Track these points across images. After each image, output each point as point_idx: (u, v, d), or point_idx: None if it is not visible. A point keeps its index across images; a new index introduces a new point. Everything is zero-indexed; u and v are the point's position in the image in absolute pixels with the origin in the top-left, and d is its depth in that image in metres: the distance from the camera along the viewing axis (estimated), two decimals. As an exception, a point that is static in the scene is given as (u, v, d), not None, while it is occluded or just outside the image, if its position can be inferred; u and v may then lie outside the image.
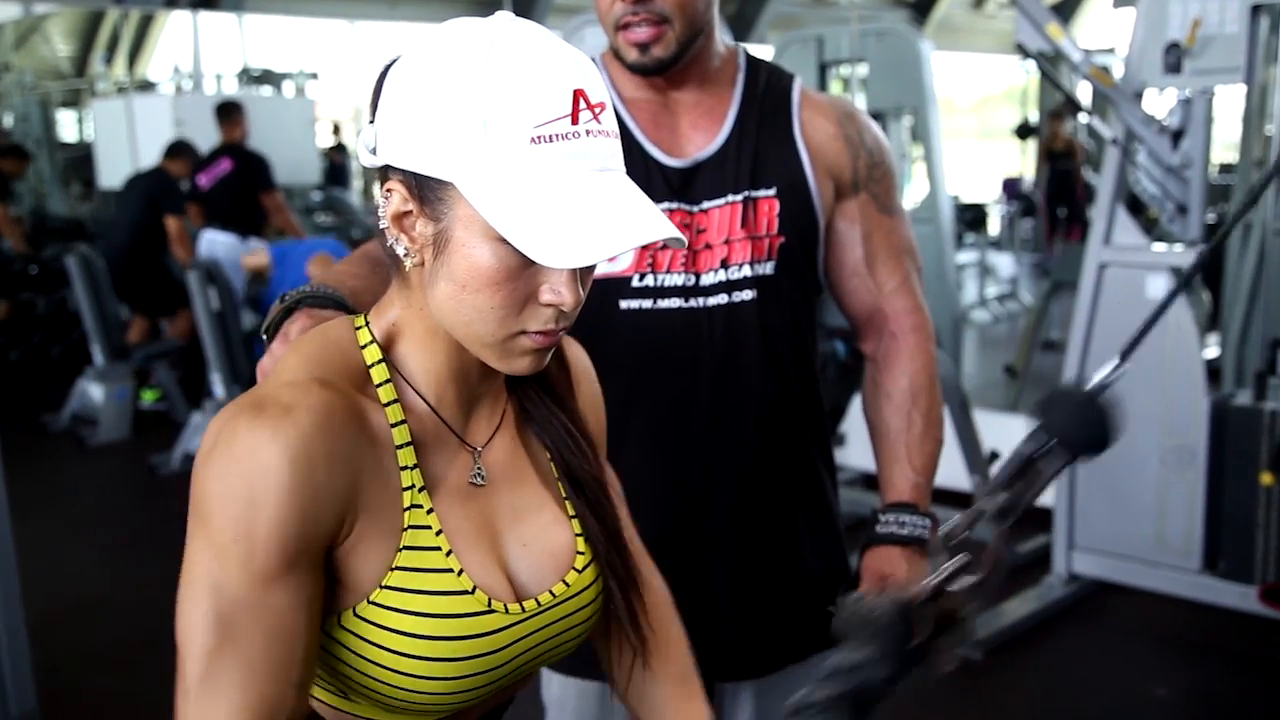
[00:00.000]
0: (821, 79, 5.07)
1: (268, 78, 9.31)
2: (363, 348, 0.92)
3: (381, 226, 0.89)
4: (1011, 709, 3.11)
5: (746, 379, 1.42)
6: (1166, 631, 3.47)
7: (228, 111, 6.33)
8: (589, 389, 1.10)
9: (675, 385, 1.42)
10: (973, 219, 10.18)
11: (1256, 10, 3.20)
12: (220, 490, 0.81)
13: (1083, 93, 7.06)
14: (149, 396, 6.16)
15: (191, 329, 6.25)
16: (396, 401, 0.91)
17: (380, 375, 0.91)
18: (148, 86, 10.06)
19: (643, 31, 1.35)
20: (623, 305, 1.40)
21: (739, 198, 1.41)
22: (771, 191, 1.42)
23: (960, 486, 3.91)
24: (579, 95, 0.82)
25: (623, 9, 1.35)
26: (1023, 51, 3.55)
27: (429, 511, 0.90)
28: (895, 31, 5.03)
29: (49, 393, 6.38)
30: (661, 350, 1.41)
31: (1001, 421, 4.50)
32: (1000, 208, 10.95)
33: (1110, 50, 7.17)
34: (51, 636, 3.17)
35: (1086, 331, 3.52)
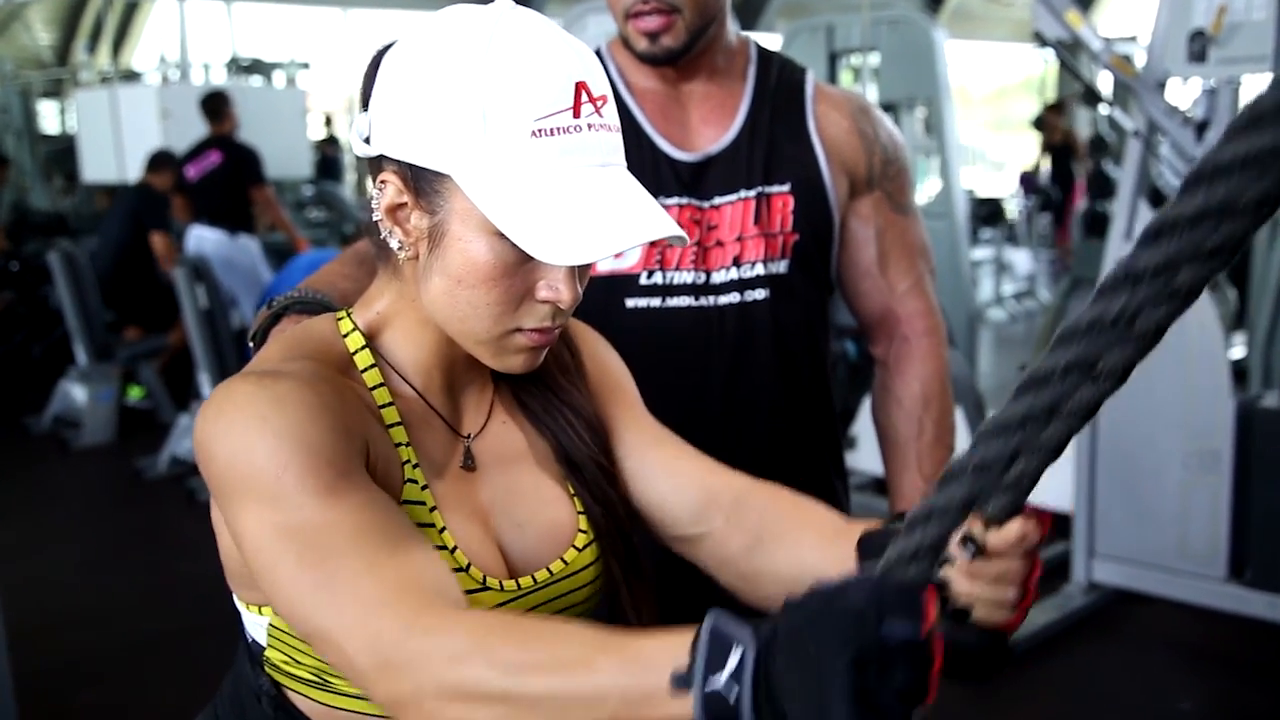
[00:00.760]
0: (831, 69, 5.08)
1: (257, 67, 9.32)
2: (344, 336, 0.93)
3: (375, 218, 0.89)
4: (1029, 723, 3.11)
5: (758, 381, 1.43)
6: (1190, 642, 3.47)
7: (215, 103, 6.34)
8: (593, 354, 1.08)
9: (684, 387, 1.42)
10: (988, 214, 10.17)
11: (1285, -4, 3.20)
12: (239, 444, 0.80)
13: (1103, 83, 7.05)
14: (135, 393, 6.16)
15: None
16: (383, 385, 0.92)
17: (364, 361, 0.92)
18: (133, 76, 10.05)
19: (653, 20, 1.36)
20: (629, 304, 1.40)
21: (752, 194, 1.41)
22: (785, 187, 1.42)
23: (976, 491, 3.90)
24: (581, 88, 0.83)
25: None
26: (1041, 40, 3.55)
27: (423, 487, 0.90)
28: (908, 19, 5.03)
29: (30, 394, 6.39)
30: (670, 350, 1.41)
31: (1018, 424, 4.49)
32: (1017, 202, 10.95)
33: (1132, 38, 7.16)
34: (32, 646, 3.17)
35: (1107, 330, 3.51)
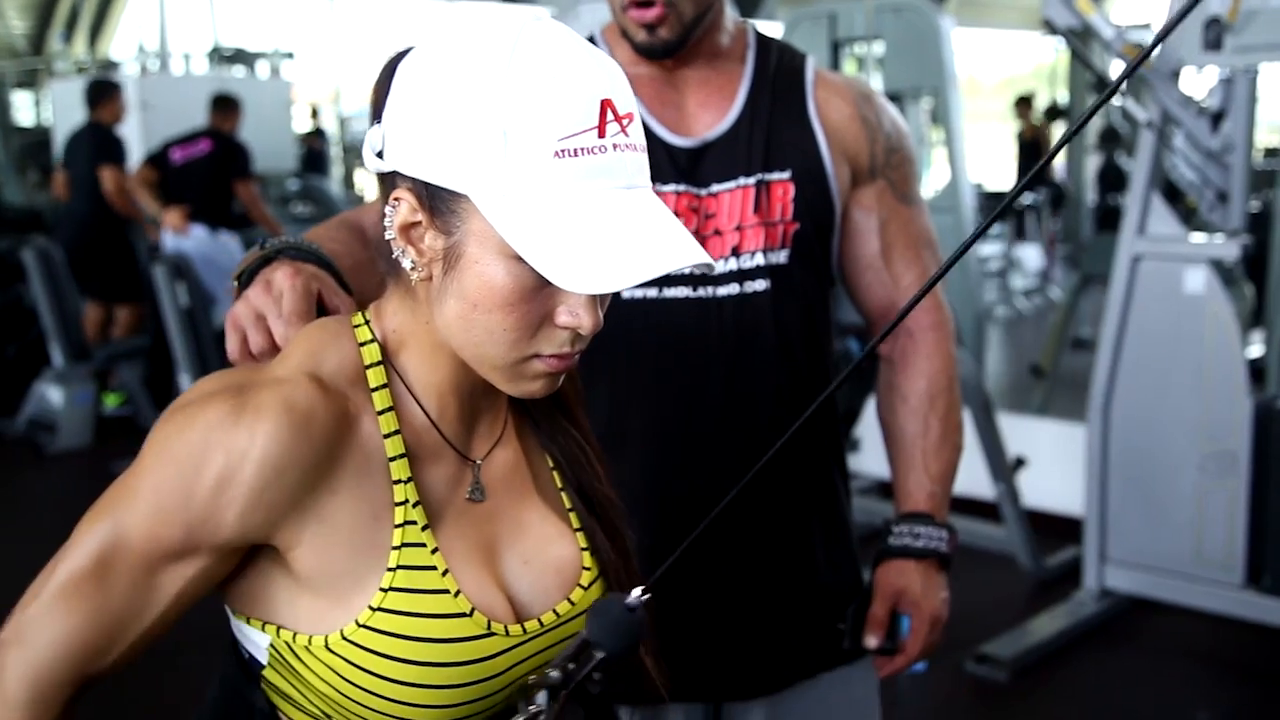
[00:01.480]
0: (834, 58, 5.08)
1: (240, 57, 9.31)
2: (362, 345, 0.93)
3: (387, 237, 0.89)
4: (1039, 734, 3.11)
5: (759, 375, 1.43)
6: (1206, 651, 3.47)
7: (224, 104, 6.43)
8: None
9: (682, 381, 1.42)
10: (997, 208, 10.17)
11: (1303, -17, 3.21)
12: (168, 449, 0.86)
13: (1115, 72, 7.05)
14: (112, 401, 6.16)
15: (139, 323, 6.26)
16: (392, 409, 0.91)
17: (377, 379, 0.92)
18: (110, 66, 10.06)
19: (649, 12, 1.37)
20: (625, 294, 1.39)
21: (751, 181, 1.41)
22: (786, 175, 1.42)
23: (982, 495, 3.91)
24: (606, 105, 0.82)
25: None
26: (1051, 28, 3.55)
27: (424, 528, 0.90)
28: (913, 6, 5.03)
29: (3, 396, 6.37)
30: (667, 343, 1.41)
31: (1028, 425, 4.51)
32: (1028, 196, 10.95)
33: (1145, 26, 7.16)
34: None
35: (1119, 329, 3.53)
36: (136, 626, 0.87)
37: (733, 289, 1.40)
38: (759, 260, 1.41)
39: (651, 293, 1.39)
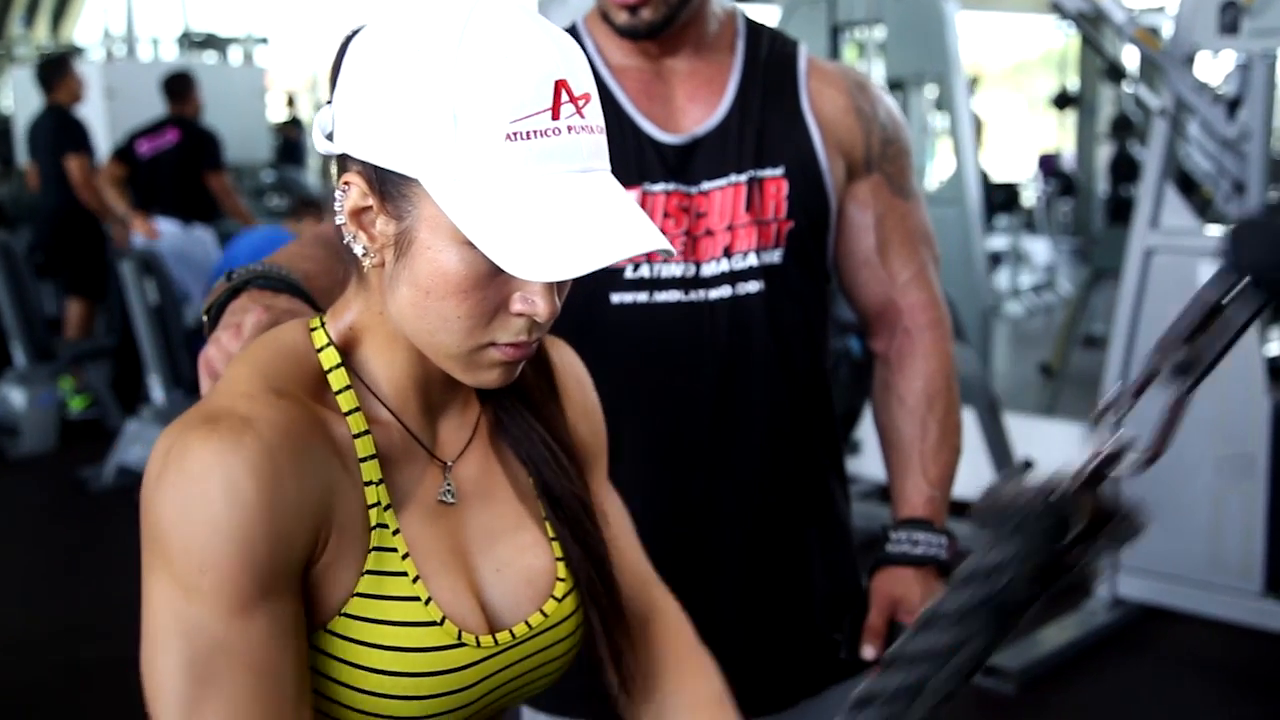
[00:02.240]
0: (834, 43, 5.08)
1: (212, 42, 9.31)
2: (319, 350, 0.92)
3: (338, 222, 0.89)
4: (1049, 750, 3.12)
5: (753, 380, 1.42)
6: (1223, 662, 3.48)
7: (178, 84, 6.35)
8: (580, 396, 1.09)
9: (674, 389, 1.41)
10: (1005, 199, 10.20)
11: (1322, -36, 3.21)
12: (177, 517, 0.81)
13: (1128, 58, 7.06)
14: (77, 404, 6.14)
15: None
16: (358, 410, 0.91)
17: (339, 381, 0.91)
18: (74, 52, 10.03)
19: None
20: (614, 300, 1.39)
21: (743, 178, 1.41)
22: (779, 171, 1.42)
23: (991, 500, 3.90)
24: (561, 86, 0.82)
25: None
26: (1060, 11, 3.56)
27: (395, 532, 0.90)
28: (917, -11, 5.04)
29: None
30: (658, 350, 1.40)
31: (1036, 426, 4.52)
32: (1036, 187, 10.98)
33: (1159, 9, 7.18)
34: (-35, 674, 3.16)
35: (1131, 325, 3.53)
36: (283, 689, 0.83)
37: (725, 291, 1.40)
38: (752, 261, 1.41)
39: (641, 297, 1.39)
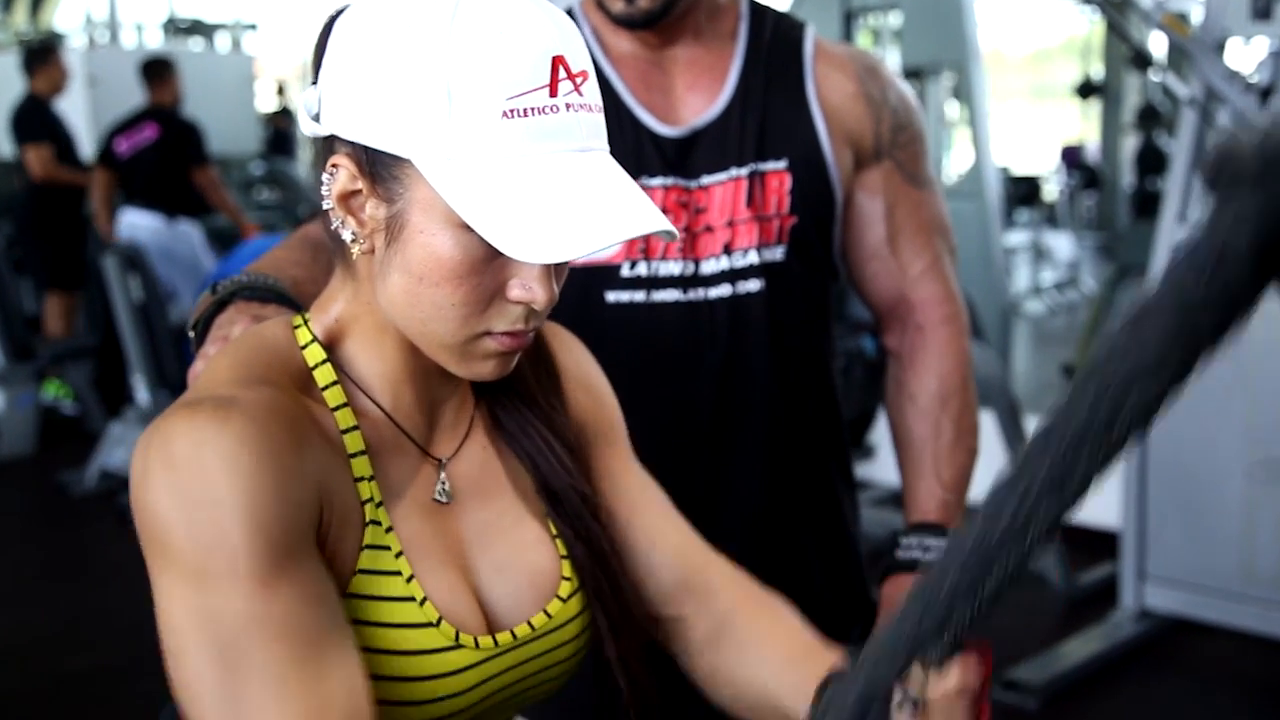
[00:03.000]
0: (847, 30, 5.08)
1: (198, 29, 9.33)
2: (303, 348, 0.92)
3: (325, 206, 0.89)
4: (1072, 769, 3.11)
5: (754, 383, 1.42)
6: (1256, 677, 3.47)
7: (156, 70, 6.32)
8: (579, 371, 1.09)
9: (671, 391, 1.41)
10: (1025, 193, 10.20)
11: (1359, -54, 3.20)
12: (172, 505, 0.80)
13: (1155, 45, 7.05)
14: (52, 388, 6.09)
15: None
16: (347, 405, 0.91)
17: (325, 377, 0.91)
18: (55, 39, 10.04)
19: None
20: (610, 298, 1.39)
21: (744, 172, 1.40)
22: (782, 164, 1.41)
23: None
24: (558, 62, 0.82)
25: None
26: (1084, -4, 3.54)
27: (388, 530, 0.90)
28: (934, -27, 5.04)
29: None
30: (656, 351, 1.40)
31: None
32: (1058, 180, 10.97)
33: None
34: (-58, 687, 3.15)
35: (1159, 325, 3.52)
36: (323, 653, 0.81)
37: (725, 290, 1.40)
38: (753, 258, 1.40)
39: (639, 296, 1.39)
